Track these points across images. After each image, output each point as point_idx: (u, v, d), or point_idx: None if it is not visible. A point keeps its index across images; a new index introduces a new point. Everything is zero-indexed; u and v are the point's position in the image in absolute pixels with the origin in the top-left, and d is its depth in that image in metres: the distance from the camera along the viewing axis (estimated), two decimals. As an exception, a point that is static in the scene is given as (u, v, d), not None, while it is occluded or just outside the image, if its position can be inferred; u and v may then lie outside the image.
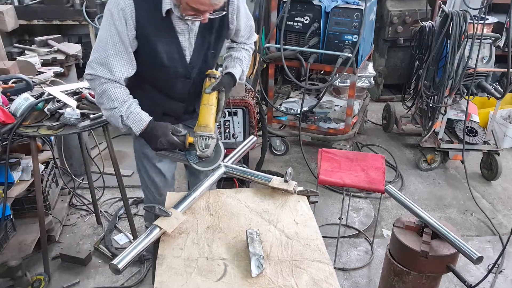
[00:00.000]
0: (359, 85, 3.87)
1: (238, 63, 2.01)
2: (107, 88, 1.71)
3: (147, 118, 1.76)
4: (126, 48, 1.70)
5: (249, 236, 1.45)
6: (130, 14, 1.65)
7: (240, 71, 2.00)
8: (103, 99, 1.74)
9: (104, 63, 1.69)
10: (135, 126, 1.75)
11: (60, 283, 2.58)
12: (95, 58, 1.71)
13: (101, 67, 1.70)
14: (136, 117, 1.74)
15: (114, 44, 1.68)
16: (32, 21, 4.18)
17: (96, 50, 1.71)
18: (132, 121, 1.74)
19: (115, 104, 1.72)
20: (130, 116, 1.74)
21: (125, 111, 1.73)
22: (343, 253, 2.88)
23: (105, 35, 1.68)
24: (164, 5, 1.67)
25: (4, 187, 2.34)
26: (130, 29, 1.67)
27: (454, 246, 1.91)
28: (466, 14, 3.24)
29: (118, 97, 1.72)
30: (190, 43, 1.81)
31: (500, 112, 4.13)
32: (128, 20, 1.65)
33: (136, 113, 1.75)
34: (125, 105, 1.73)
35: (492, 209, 3.39)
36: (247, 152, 2.11)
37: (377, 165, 2.61)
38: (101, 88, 1.72)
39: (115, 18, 1.65)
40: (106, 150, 2.53)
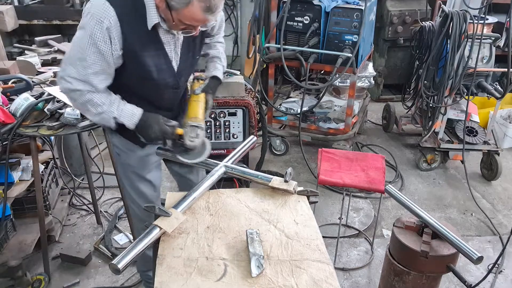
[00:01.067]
0: (359, 85, 3.87)
1: (217, 62, 2.04)
2: (90, 98, 1.67)
3: (138, 111, 1.75)
4: (108, 66, 1.64)
5: (249, 236, 1.45)
6: (115, 32, 1.56)
7: (222, 70, 2.05)
8: (88, 107, 1.69)
9: (84, 80, 1.63)
10: (129, 121, 1.73)
11: (60, 283, 2.58)
12: (72, 73, 1.62)
13: (79, 82, 1.63)
14: (128, 113, 1.73)
15: (95, 62, 1.60)
16: (32, 21, 4.18)
17: (72, 64, 1.62)
18: (125, 117, 1.73)
19: (104, 108, 1.69)
20: (122, 114, 1.72)
21: (116, 111, 1.71)
22: (343, 253, 2.88)
23: (83, 51, 1.58)
24: (150, 19, 1.59)
25: (4, 187, 2.34)
26: (115, 49, 1.60)
27: (454, 246, 1.91)
28: (466, 14, 3.24)
29: (105, 101, 1.69)
30: (176, 53, 1.78)
31: (500, 112, 4.13)
32: (114, 39, 1.57)
33: (127, 110, 1.73)
34: (113, 106, 1.70)
35: (492, 209, 3.39)
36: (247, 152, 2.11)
37: (377, 165, 2.61)
38: (83, 98, 1.67)
39: (98, 38, 1.55)
40: (106, 150, 2.53)
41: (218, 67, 2.02)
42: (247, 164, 3.24)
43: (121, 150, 1.98)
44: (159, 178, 2.15)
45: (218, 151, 3.11)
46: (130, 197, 2.12)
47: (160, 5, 1.55)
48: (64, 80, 1.64)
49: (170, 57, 1.76)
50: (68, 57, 1.64)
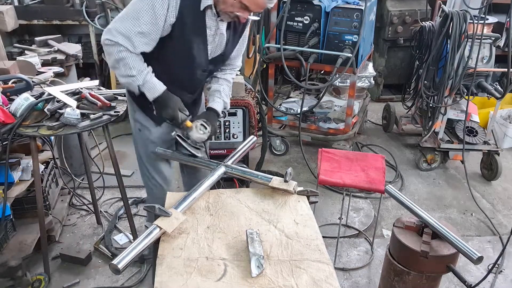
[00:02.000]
0: (359, 85, 3.87)
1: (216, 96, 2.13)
2: (125, 56, 1.78)
3: (161, 87, 1.88)
4: (156, 31, 1.76)
5: (249, 236, 1.45)
6: (175, 2, 1.71)
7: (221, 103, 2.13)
8: (120, 65, 1.81)
9: (128, 36, 1.74)
10: (150, 93, 1.87)
11: (60, 283, 2.58)
12: (119, 27, 1.74)
13: (123, 37, 1.74)
14: (151, 86, 1.86)
15: (146, 23, 1.72)
16: (32, 21, 4.18)
17: (123, 20, 1.74)
18: (147, 89, 1.86)
19: (133, 72, 1.81)
20: (145, 84, 1.85)
21: (142, 80, 1.84)
22: (343, 253, 2.88)
23: (139, 11, 1.71)
24: (205, 1, 1.76)
25: (4, 187, 2.33)
26: (171, 16, 1.73)
27: (454, 246, 1.91)
28: (466, 14, 3.24)
29: (136, 66, 1.81)
30: (214, 40, 1.91)
31: (500, 112, 4.13)
32: (171, 7, 1.71)
33: (152, 82, 1.86)
34: (142, 74, 1.83)
35: (492, 209, 3.39)
36: (247, 152, 2.12)
37: (377, 165, 2.61)
38: (119, 55, 1.78)
39: (157, 7, 1.69)
40: (106, 150, 2.53)
41: (216, 100, 2.10)
42: (247, 164, 3.24)
43: (143, 126, 2.11)
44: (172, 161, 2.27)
45: (218, 151, 3.11)
46: (147, 174, 2.23)
47: None
48: (109, 32, 1.76)
49: (207, 41, 1.89)
50: (122, 14, 1.77)
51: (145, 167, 2.23)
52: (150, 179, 2.24)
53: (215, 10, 1.81)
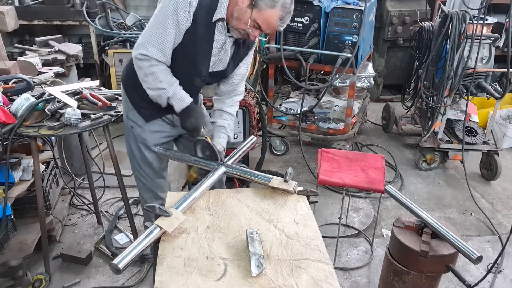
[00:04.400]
0: (358, 85, 3.88)
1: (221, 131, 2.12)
2: (156, 71, 1.85)
3: (188, 99, 1.95)
4: (180, 33, 1.81)
5: (249, 236, 1.45)
6: (193, 9, 1.75)
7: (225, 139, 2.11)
8: (149, 79, 1.87)
9: (161, 48, 1.81)
10: (178, 104, 1.93)
11: (60, 282, 2.58)
12: (151, 40, 1.80)
13: (156, 51, 1.81)
14: (179, 98, 1.93)
15: (171, 30, 1.78)
16: (33, 22, 4.19)
17: (152, 33, 1.80)
18: (176, 100, 1.93)
19: (163, 85, 1.88)
20: (175, 96, 1.92)
21: (172, 93, 1.90)
22: (343, 253, 2.89)
23: (165, 22, 1.77)
24: (218, 13, 1.80)
25: (5, 187, 2.34)
26: (189, 22, 1.78)
27: (453, 246, 1.92)
28: (465, 14, 3.25)
29: (165, 80, 1.88)
30: (219, 54, 1.94)
31: (500, 112, 4.14)
32: (190, 11, 1.76)
33: (179, 94, 1.93)
34: (172, 87, 1.90)
35: (492, 209, 3.39)
36: (247, 152, 2.12)
37: (376, 165, 2.61)
38: (150, 69, 1.85)
39: (180, 9, 1.74)
40: (107, 150, 2.54)
41: (220, 135, 2.10)
42: (247, 164, 3.24)
43: (135, 124, 2.14)
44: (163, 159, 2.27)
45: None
46: (138, 169, 2.26)
47: (242, 3, 1.74)
48: (143, 46, 1.82)
49: (212, 54, 1.92)
50: (150, 26, 1.81)
51: (136, 162, 2.26)
52: (141, 172, 2.27)
53: (226, 25, 1.84)
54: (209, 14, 1.79)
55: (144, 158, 2.22)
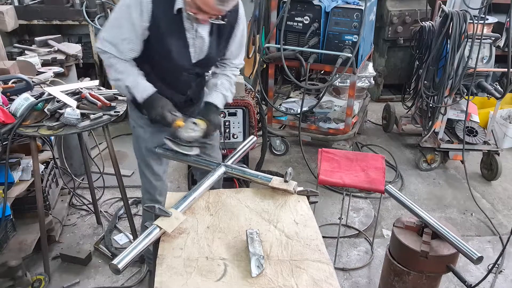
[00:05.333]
0: (359, 85, 3.87)
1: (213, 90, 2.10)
2: (114, 63, 1.89)
3: (151, 89, 1.93)
4: (136, 36, 1.83)
5: (249, 236, 1.45)
6: (146, 6, 1.76)
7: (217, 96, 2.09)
8: (111, 70, 1.92)
9: (114, 44, 1.85)
10: (139, 94, 1.92)
11: (60, 283, 2.58)
12: (106, 36, 1.86)
13: (110, 46, 1.85)
14: (141, 88, 1.92)
15: (127, 30, 1.81)
16: (32, 21, 4.18)
17: (108, 29, 1.87)
18: (137, 90, 1.91)
19: (122, 76, 1.90)
20: (135, 85, 1.91)
21: (131, 82, 1.90)
22: (343, 253, 2.88)
23: (119, 19, 1.82)
24: (177, 4, 1.80)
25: (4, 187, 2.34)
26: (144, 20, 1.79)
27: (454, 246, 1.91)
28: (466, 14, 3.24)
29: (124, 70, 1.90)
30: (195, 43, 1.92)
31: (500, 112, 4.13)
32: (144, 12, 1.77)
33: (141, 84, 1.92)
34: (130, 77, 1.90)
35: (492, 209, 3.39)
36: (247, 152, 2.12)
37: (377, 165, 2.61)
38: (109, 61, 1.90)
39: (132, 7, 1.77)
40: (106, 150, 2.53)
41: (212, 94, 2.09)
42: (247, 164, 3.24)
43: (137, 124, 2.17)
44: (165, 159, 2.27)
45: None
46: (140, 169, 2.29)
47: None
48: (99, 40, 1.89)
49: (188, 43, 1.91)
50: (108, 22, 1.88)
51: (138, 163, 2.29)
52: (142, 173, 2.29)
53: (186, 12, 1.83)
54: (169, 6, 1.79)
55: (144, 159, 2.22)
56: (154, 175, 2.26)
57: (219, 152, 2.44)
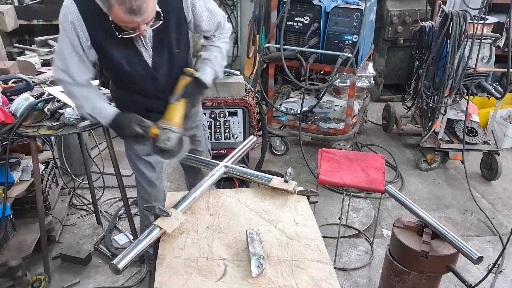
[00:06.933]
0: (359, 85, 3.87)
1: (207, 64, 1.95)
2: (71, 90, 1.85)
3: (111, 112, 1.85)
4: (80, 56, 1.77)
5: (249, 236, 1.45)
6: (79, 27, 1.70)
7: (211, 72, 1.94)
8: (72, 98, 1.91)
9: (65, 70, 1.80)
10: (102, 119, 1.86)
11: (60, 283, 2.58)
12: (57, 64, 1.82)
13: (63, 73, 1.81)
14: (101, 113, 1.85)
15: (70, 54, 1.76)
16: (32, 21, 4.18)
17: (56, 57, 1.82)
18: (98, 115, 1.86)
19: (81, 102, 1.86)
20: (94, 112, 1.85)
21: (91, 108, 1.85)
22: (343, 253, 2.88)
23: (61, 46, 1.78)
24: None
25: (4, 187, 2.34)
26: (83, 40, 1.73)
27: (454, 246, 1.91)
28: (466, 14, 3.24)
29: (82, 96, 1.85)
30: (146, 48, 1.82)
31: (500, 112, 4.13)
32: (79, 32, 1.71)
33: (100, 108, 1.86)
34: (89, 102, 1.85)
35: (492, 209, 3.39)
36: (247, 152, 2.11)
37: (377, 165, 2.61)
38: (67, 89, 1.87)
39: (67, 31, 1.72)
40: (106, 150, 2.53)
41: (205, 69, 1.93)
42: (247, 164, 3.24)
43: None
44: (158, 162, 2.21)
45: (218, 151, 3.11)
46: (135, 177, 2.27)
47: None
48: (53, 69, 1.87)
49: (140, 51, 1.82)
50: (56, 49, 1.85)
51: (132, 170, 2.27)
52: (136, 181, 2.27)
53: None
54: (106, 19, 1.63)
55: (136, 167, 2.20)
56: (147, 182, 2.23)
57: (208, 155, 2.40)
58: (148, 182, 2.23)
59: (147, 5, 1.56)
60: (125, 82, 1.94)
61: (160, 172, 2.28)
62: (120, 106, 2.00)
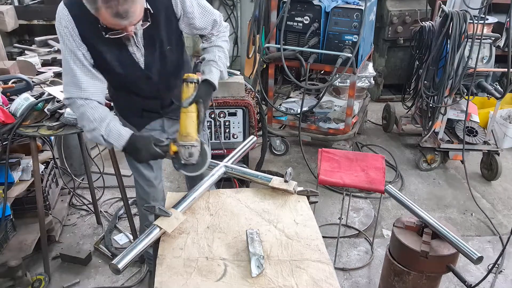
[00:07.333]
0: (359, 85, 3.87)
1: (213, 66, 1.93)
2: (84, 111, 1.76)
3: (126, 133, 1.77)
4: (83, 63, 1.74)
5: (249, 236, 1.45)
6: (72, 30, 1.68)
7: (217, 74, 1.93)
8: (84, 121, 1.78)
9: (74, 83, 1.74)
10: (116, 142, 1.77)
11: (60, 283, 2.58)
12: (66, 81, 1.77)
13: (73, 88, 1.75)
14: (115, 134, 1.76)
15: (75, 63, 1.73)
16: (32, 21, 4.18)
17: (64, 74, 1.78)
18: (113, 138, 1.76)
19: (95, 124, 1.75)
20: (110, 134, 1.76)
21: (104, 130, 1.75)
22: (343, 253, 2.88)
23: (65, 57, 1.74)
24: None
25: (4, 187, 2.34)
26: (79, 44, 1.71)
27: (454, 246, 1.91)
28: (466, 14, 3.24)
29: (96, 118, 1.75)
30: (138, 47, 1.80)
31: (500, 112, 4.13)
32: (74, 36, 1.69)
33: (115, 130, 1.76)
34: (103, 124, 1.75)
35: (492, 209, 3.39)
36: (247, 152, 2.11)
37: (377, 165, 2.61)
38: (79, 111, 1.78)
39: (64, 38, 1.70)
40: (106, 150, 2.54)
41: (212, 71, 1.90)
42: (247, 164, 3.24)
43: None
44: (157, 162, 2.20)
45: (218, 151, 3.10)
46: (134, 176, 2.25)
47: None
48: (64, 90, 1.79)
49: (131, 52, 1.80)
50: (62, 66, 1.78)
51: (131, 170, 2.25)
52: (135, 180, 2.27)
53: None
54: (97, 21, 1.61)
55: (134, 166, 2.19)
56: (146, 181, 2.22)
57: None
58: (146, 182, 2.23)
59: (134, 9, 1.54)
60: (121, 83, 1.92)
61: (158, 172, 2.27)
62: (118, 108, 2.00)
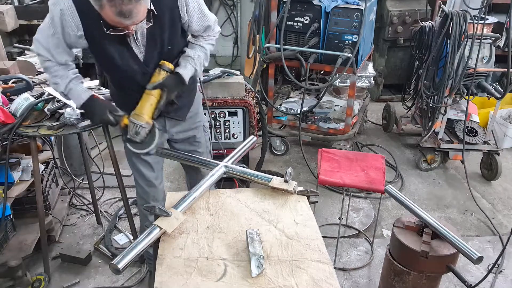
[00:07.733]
0: (359, 85, 3.87)
1: (189, 62, 1.97)
2: (49, 66, 1.87)
3: (85, 95, 1.92)
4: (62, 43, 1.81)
5: (249, 236, 1.45)
6: (70, 16, 1.71)
7: (191, 71, 1.97)
8: (47, 74, 1.92)
9: (46, 48, 1.83)
10: (75, 101, 1.94)
11: (60, 283, 2.58)
12: (39, 39, 1.83)
13: (44, 50, 1.84)
14: (75, 94, 1.92)
15: (54, 36, 1.78)
16: (32, 21, 4.18)
17: (41, 33, 1.82)
18: (72, 96, 1.93)
19: (57, 80, 1.89)
20: (70, 92, 1.91)
21: (65, 88, 1.89)
22: (343, 253, 2.88)
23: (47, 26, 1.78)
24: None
25: (4, 187, 2.34)
26: (72, 30, 1.75)
27: (454, 246, 1.91)
28: (466, 14, 3.24)
29: (58, 74, 1.89)
30: (137, 44, 1.84)
31: (500, 112, 4.13)
32: (67, 21, 1.73)
33: (75, 90, 1.91)
34: (64, 81, 1.89)
35: (492, 209, 3.39)
36: (247, 152, 2.11)
37: (377, 165, 2.61)
38: (43, 64, 1.89)
39: (54, 18, 1.74)
40: (106, 150, 2.53)
41: (187, 66, 1.95)
42: (247, 164, 3.24)
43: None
44: (158, 162, 2.23)
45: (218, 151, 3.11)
46: (134, 176, 2.29)
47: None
48: (34, 42, 1.86)
49: (131, 47, 1.84)
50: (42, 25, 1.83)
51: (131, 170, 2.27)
52: (135, 180, 2.28)
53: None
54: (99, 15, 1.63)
55: (134, 165, 2.20)
56: (146, 181, 2.23)
57: (208, 156, 2.41)
58: (146, 182, 2.23)
59: (138, 10, 1.58)
60: (119, 77, 1.96)
61: (159, 172, 2.28)
62: (119, 107, 2.00)
